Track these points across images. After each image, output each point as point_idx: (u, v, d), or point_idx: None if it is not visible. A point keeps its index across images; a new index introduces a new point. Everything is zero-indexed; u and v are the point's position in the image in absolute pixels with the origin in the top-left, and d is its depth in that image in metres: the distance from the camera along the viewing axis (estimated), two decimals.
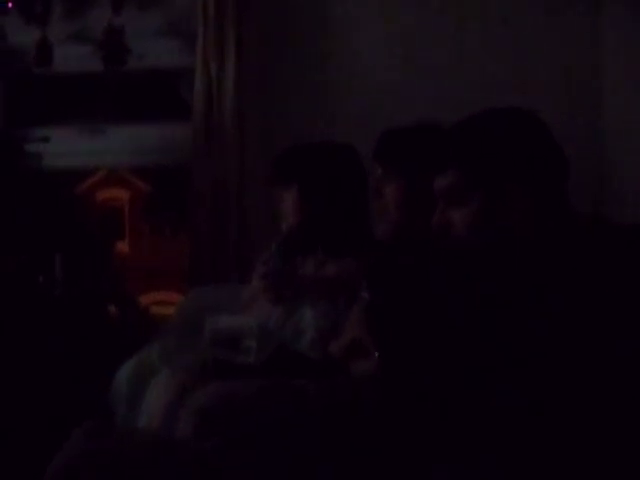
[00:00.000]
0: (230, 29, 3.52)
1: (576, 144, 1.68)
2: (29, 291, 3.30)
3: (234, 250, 3.54)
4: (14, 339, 3.08)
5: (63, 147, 3.88)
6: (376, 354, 1.89)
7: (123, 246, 4.32)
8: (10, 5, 3.68)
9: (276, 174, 2.63)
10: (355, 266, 2.37)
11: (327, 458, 1.80)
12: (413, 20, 3.55)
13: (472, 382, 1.49)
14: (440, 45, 3.53)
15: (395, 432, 1.62)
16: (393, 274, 1.90)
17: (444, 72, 3.50)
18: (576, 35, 3.46)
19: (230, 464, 1.76)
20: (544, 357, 1.43)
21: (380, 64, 3.55)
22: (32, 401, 2.98)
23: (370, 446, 1.72)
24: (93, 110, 4.05)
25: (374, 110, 3.45)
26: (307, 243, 2.58)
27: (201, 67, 3.56)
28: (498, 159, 1.58)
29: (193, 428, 1.98)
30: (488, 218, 1.57)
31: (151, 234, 4.49)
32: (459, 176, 1.60)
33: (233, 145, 3.53)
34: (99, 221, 4.11)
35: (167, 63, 3.86)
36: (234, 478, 1.73)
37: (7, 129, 3.87)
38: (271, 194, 2.77)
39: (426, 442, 1.54)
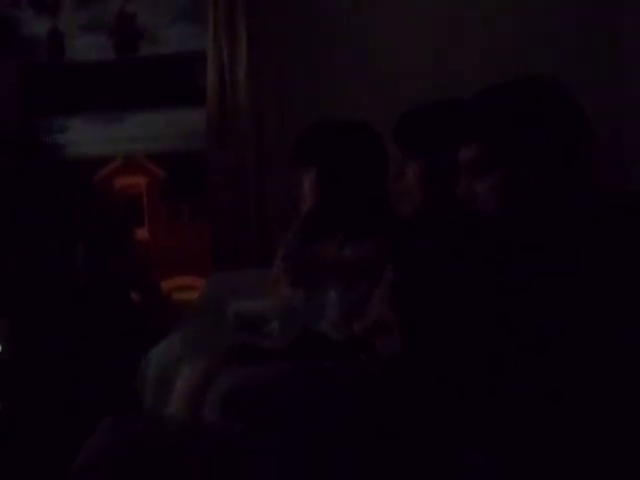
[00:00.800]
0: (241, 14, 3.51)
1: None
2: (52, 280, 3.32)
3: (255, 233, 3.55)
4: (40, 329, 3.11)
5: (79, 136, 3.90)
6: (399, 332, 1.90)
7: (143, 233, 4.33)
8: None
9: (295, 156, 2.62)
10: (376, 248, 2.37)
11: (351, 441, 1.80)
12: (425, 3, 3.53)
13: (489, 365, 1.49)
14: (451, 25, 3.51)
15: (418, 411, 1.63)
16: (416, 254, 1.90)
17: (457, 53, 3.48)
18: None
19: (256, 448, 1.77)
20: (563, 340, 1.42)
21: (394, 47, 3.53)
22: (59, 390, 3.00)
23: (397, 424, 1.72)
24: (108, 98, 4.05)
25: (390, 93, 3.43)
26: (327, 225, 2.58)
27: (213, 52, 3.55)
28: (520, 131, 1.57)
29: (219, 413, 2.00)
30: (511, 190, 1.57)
31: (169, 220, 4.50)
32: (482, 148, 1.59)
33: (248, 129, 3.53)
34: (118, 208, 4.11)
35: (180, 49, 3.86)
36: (260, 462, 1.74)
37: (24, 120, 3.88)
38: (289, 176, 2.76)
39: (453, 420, 1.55)
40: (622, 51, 3.38)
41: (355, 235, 2.52)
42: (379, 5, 3.56)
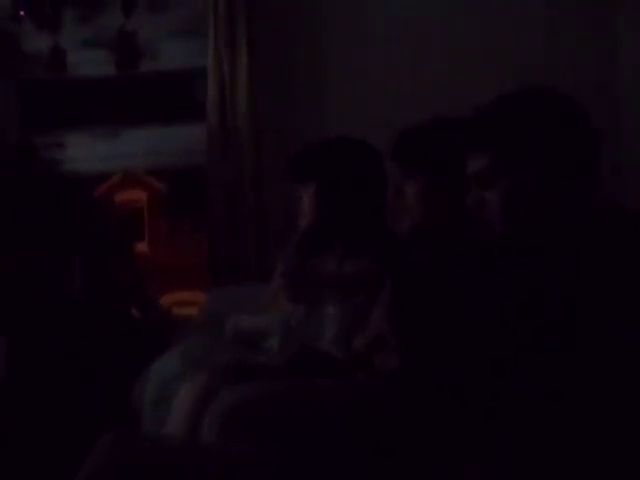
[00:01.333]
0: (242, 29, 3.53)
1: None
2: (50, 295, 3.32)
3: (252, 248, 3.55)
4: (37, 345, 3.10)
5: (79, 152, 3.91)
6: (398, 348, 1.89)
7: (143, 247, 4.33)
8: (22, 13, 3.70)
9: (294, 172, 2.62)
10: (375, 263, 2.37)
11: (349, 459, 1.80)
12: (428, 16, 3.54)
13: (492, 372, 1.49)
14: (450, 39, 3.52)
15: (416, 427, 1.62)
16: (415, 268, 1.91)
17: (455, 68, 3.49)
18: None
19: (255, 467, 1.76)
20: (566, 346, 1.43)
21: (394, 63, 3.54)
22: (57, 406, 2.99)
23: (393, 441, 1.72)
24: (108, 114, 4.06)
25: (391, 109, 3.44)
26: (326, 240, 2.58)
27: (214, 68, 3.57)
28: (524, 140, 1.57)
29: (218, 431, 1.99)
30: (517, 199, 1.57)
31: (169, 235, 4.50)
32: (487, 159, 1.60)
33: (248, 144, 3.54)
34: (118, 223, 4.11)
35: (180, 65, 3.87)
36: (256, 478, 1.74)
37: (23, 135, 3.89)
38: (288, 192, 2.77)
39: (452, 436, 1.54)
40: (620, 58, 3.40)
41: (353, 250, 2.52)
42: (379, 21, 3.57)
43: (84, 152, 3.91)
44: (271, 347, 2.46)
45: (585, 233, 1.52)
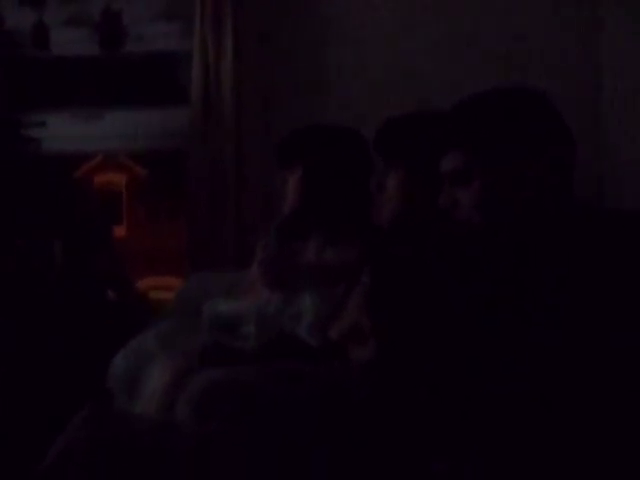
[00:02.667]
0: (227, 12, 3.51)
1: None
2: (28, 276, 3.29)
3: (232, 234, 3.54)
4: (12, 325, 3.08)
5: (60, 131, 3.87)
6: (374, 340, 1.89)
7: (121, 230, 4.31)
8: None
9: (280, 156, 2.61)
10: (355, 252, 2.37)
11: (322, 444, 1.80)
12: (409, 9, 3.54)
13: (471, 369, 1.49)
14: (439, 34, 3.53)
15: (389, 419, 1.62)
16: (394, 260, 1.90)
17: (443, 60, 3.49)
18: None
19: (226, 448, 1.76)
20: (544, 344, 1.43)
21: (379, 47, 3.54)
22: (31, 387, 2.98)
23: (364, 433, 1.72)
24: (90, 94, 4.03)
25: (375, 95, 3.45)
26: (308, 227, 2.58)
27: (199, 51, 3.55)
28: (500, 139, 1.56)
29: (191, 412, 1.99)
30: (491, 198, 1.56)
31: (148, 219, 4.49)
32: (462, 157, 1.59)
33: (231, 129, 3.52)
34: (97, 206, 4.10)
35: (165, 47, 3.85)
36: (231, 461, 1.74)
37: (3, 113, 3.85)
38: (269, 177, 2.76)
39: (422, 430, 1.55)
40: (600, 65, 3.41)
41: (335, 239, 2.52)
42: (368, 6, 3.56)
43: (65, 132, 3.88)
44: (248, 333, 2.45)
45: (563, 232, 1.52)
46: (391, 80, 3.49)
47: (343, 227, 2.51)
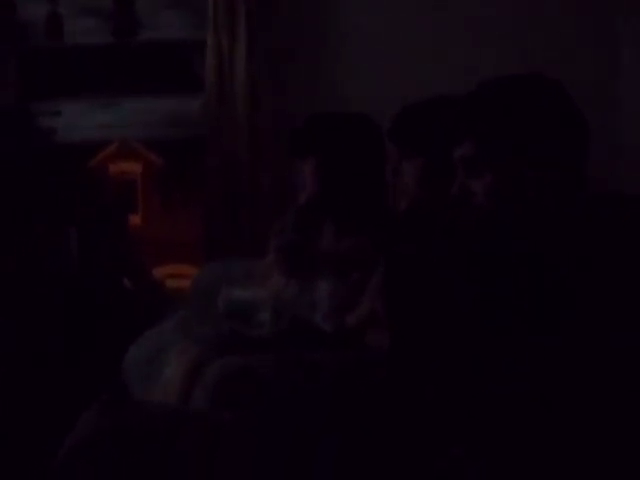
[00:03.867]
0: (241, 1, 3.50)
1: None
2: (45, 264, 3.31)
3: (247, 223, 3.55)
4: (33, 314, 3.10)
5: (75, 120, 3.89)
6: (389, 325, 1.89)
7: (136, 219, 4.32)
8: None
9: (295, 146, 2.60)
10: (371, 241, 2.36)
11: (334, 432, 1.80)
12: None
13: (475, 367, 1.48)
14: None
15: (402, 410, 1.62)
16: (407, 252, 1.90)
17: (453, 49, 3.48)
18: None
19: (239, 436, 1.76)
20: (548, 343, 1.42)
21: (394, 39, 3.53)
22: (48, 376, 2.99)
23: (379, 419, 1.72)
24: (105, 83, 4.04)
25: (388, 83, 3.44)
26: (324, 216, 2.57)
27: (213, 40, 3.54)
28: (513, 129, 1.55)
29: (208, 400, 1.99)
30: (505, 189, 1.55)
31: (164, 207, 4.49)
32: (475, 147, 1.58)
33: (246, 117, 3.52)
34: (112, 194, 4.10)
35: (179, 36, 3.85)
36: (242, 449, 1.74)
37: (20, 103, 3.87)
38: (284, 166, 2.76)
39: (432, 423, 1.54)
40: (619, 54, 3.38)
41: (351, 227, 2.51)
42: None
43: (80, 121, 3.90)
44: (263, 320, 2.45)
45: (576, 229, 1.50)
46: (407, 64, 3.49)
47: (358, 215, 2.51)
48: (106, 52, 4.00)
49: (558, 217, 1.52)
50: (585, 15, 3.44)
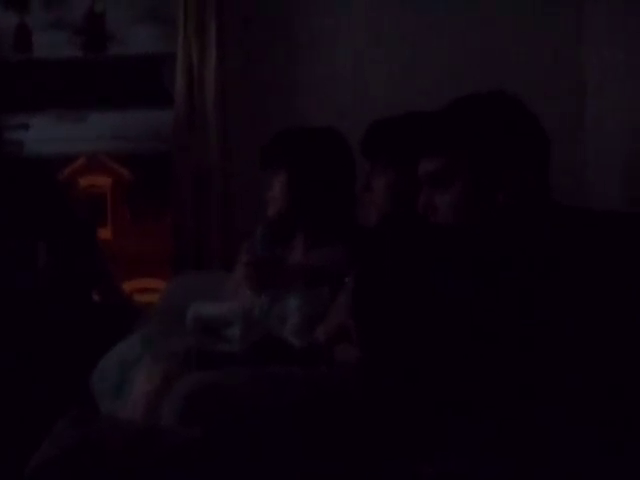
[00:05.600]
0: (211, 14, 3.50)
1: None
2: (12, 278, 3.28)
3: (218, 237, 3.54)
4: None
5: (43, 134, 3.86)
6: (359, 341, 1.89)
7: (106, 233, 4.30)
8: None
9: (265, 159, 2.61)
10: (341, 254, 2.37)
11: (309, 447, 1.80)
12: (398, 8, 3.54)
13: (460, 361, 1.49)
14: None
15: (382, 419, 1.63)
16: (378, 262, 1.91)
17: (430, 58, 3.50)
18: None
19: (213, 452, 1.76)
20: (525, 345, 1.43)
21: (366, 48, 3.54)
22: (16, 391, 2.97)
23: (355, 435, 1.72)
24: (74, 97, 4.02)
25: (361, 96, 3.45)
26: (293, 230, 2.58)
27: (182, 53, 3.54)
28: (479, 144, 1.58)
29: (177, 416, 1.98)
30: (470, 202, 1.57)
31: (133, 221, 4.47)
32: (441, 161, 1.60)
33: (215, 131, 3.52)
34: (81, 208, 4.08)
35: (148, 49, 3.84)
36: (217, 465, 1.74)
37: None
38: (255, 180, 2.76)
39: (412, 431, 1.55)
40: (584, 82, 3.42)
41: (320, 241, 2.52)
42: (353, 6, 3.56)
43: (49, 134, 3.87)
44: (232, 335, 2.45)
45: (540, 232, 1.52)
46: (376, 80, 3.50)
47: (328, 229, 2.51)
48: (75, 66, 3.98)
49: (526, 222, 1.55)
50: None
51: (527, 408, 1.43)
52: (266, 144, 2.62)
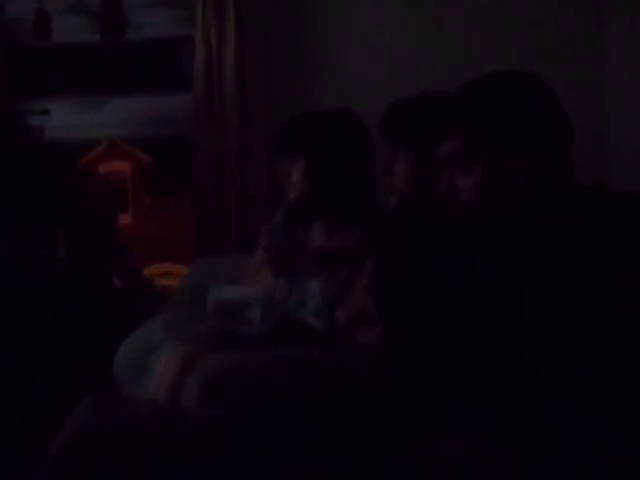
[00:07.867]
0: None
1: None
2: (33, 265, 3.30)
3: (237, 220, 3.55)
4: (20, 314, 3.09)
5: (63, 120, 3.88)
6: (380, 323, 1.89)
7: (126, 218, 4.31)
8: None
9: (281, 147, 2.60)
10: (361, 236, 2.36)
11: (328, 429, 1.80)
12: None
13: (472, 358, 1.49)
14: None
15: (397, 402, 1.63)
16: (398, 246, 1.90)
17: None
18: None
19: (235, 433, 1.77)
20: (540, 334, 1.43)
21: (384, 33, 3.53)
22: (38, 376, 2.99)
23: (372, 416, 1.72)
24: (93, 82, 4.03)
25: (376, 79, 3.44)
26: (313, 214, 2.57)
27: (201, 37, 3.54)
28: (500, 126, 1.56)
29: (199, 398, 1.99)
30: (492, 185, 1.56)
31: (154, 206, 4.49)
32: (462, 143, 1.58)
33: (234, 115, 3.52)
34: (101, 194, 4.10)
35: (166, 34, 3.84)
36: (239, 446, 1.74)
37: (7, 102, 3.85)
38: (274, 165, 2.75)
39: (428, 411, 1.55)
40: (605, 51, 3.39)
41: (340, 224, 2.51)
42: None
43: (68, 120, 3.89)
44: (253, 318, 2.45)
45: (570, 218, 1.51)
46: (398, 62, 3.49)
47: (348, 212, 2.50)
48: (94, 51, 3.99)
49: (548, 208, 1.53)
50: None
51: (531, 399, 1.42)
52: (280, 132, 2.60)
